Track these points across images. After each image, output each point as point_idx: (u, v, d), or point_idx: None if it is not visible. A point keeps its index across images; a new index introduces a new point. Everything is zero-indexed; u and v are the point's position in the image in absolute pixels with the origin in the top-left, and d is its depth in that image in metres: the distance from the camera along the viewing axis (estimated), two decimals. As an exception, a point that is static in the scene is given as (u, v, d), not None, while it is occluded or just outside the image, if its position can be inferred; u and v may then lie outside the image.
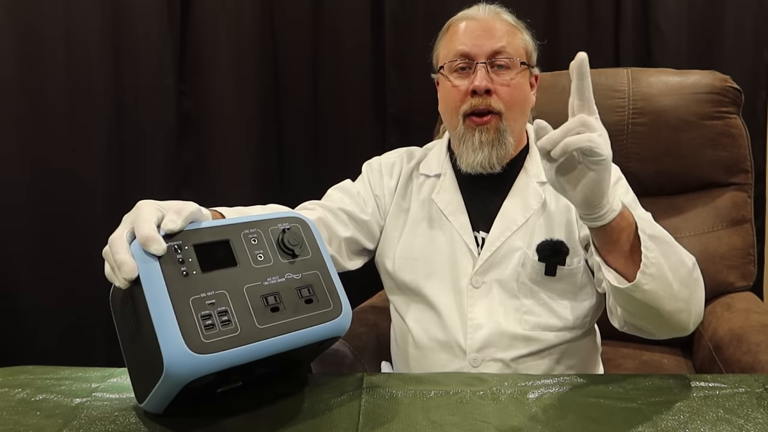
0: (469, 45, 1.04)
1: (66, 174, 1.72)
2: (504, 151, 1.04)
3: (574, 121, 0.74)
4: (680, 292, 0.82)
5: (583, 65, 0.74)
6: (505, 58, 1.04)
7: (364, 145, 1.80)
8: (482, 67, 1.03)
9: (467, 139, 1.05)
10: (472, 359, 1.02)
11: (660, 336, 0.90)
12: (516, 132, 1.07)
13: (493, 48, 1.03)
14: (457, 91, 1.05)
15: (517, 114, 1.06)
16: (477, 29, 1.05)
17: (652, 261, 0.79)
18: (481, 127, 1.04)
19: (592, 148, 0.72)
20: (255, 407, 0.70)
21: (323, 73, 1.83)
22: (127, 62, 1.73)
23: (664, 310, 0.83)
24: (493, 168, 1.05)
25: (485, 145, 1.03)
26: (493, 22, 1.06)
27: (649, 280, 0.79)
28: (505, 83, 1.04)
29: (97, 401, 0.72)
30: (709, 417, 0.68)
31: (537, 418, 0.67)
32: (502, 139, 1.04)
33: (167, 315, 0.59)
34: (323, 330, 0.68)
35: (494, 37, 1.04)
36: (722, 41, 1.68)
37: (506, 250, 1.04)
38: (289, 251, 0.70)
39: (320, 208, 1.08)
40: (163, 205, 0.66)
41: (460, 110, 1.05)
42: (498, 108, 1.03)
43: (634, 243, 0.80)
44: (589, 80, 0.75)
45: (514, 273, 1.03)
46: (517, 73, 1.05)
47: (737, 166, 1.41)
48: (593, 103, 0.75)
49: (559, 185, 0.79)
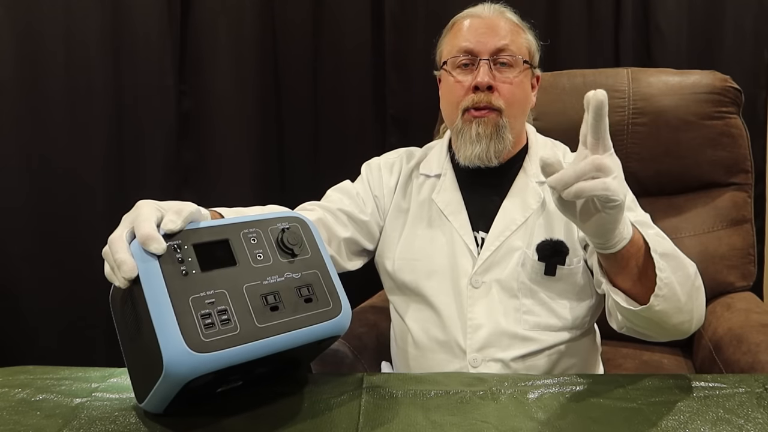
0: (473, 42, 1.04)
1: (66, 174, 1.72)
2: (502, 145, 1.05)
3: (588, 165, 0.69)
4: (686, 305, 0.83)
5: (600, 107, 0.68)
6: (508, 56, 1.04)
7: (364, 146, 1.80)
8: (485, 64, 1.03)
9: (465, 132, 1.05)
10: (472, 359, 1.02)
11: (659, 340, 0.91)
12: (515, 130, 1.07)
13: (496, 45, 1.04)
14: (460, 87, 1.05)
15: (517, 112, 1.06)
16: (481, 26, 1.06)
17: (665, 282, 0.78)
18: (479, 120, 1.04)
19: (608, 196, 0.70)
20: (255, 407, 0.70)
21: (323, 73, 1.83)
22: (127, 62, 1.73)
23: (670, 324, 0.84)
24: (490, 161, 1.05)
25: (483, 138, 1.04)
26: (498, 20, 1.06)
27: (661, 301, 0.79)
28: (508, 81, 1.04)
29: (97, 401, 0.72)
30: (709, 417, 0.68)
31: (537, 418, 0.67)
32: (500, 134, 1.04)
33: (167, 314, 0.59)
34: (323, 329, 0.68)
35: (498, 35, 1.04)
36: (722, 41, 1.68)
37: (506, 249, 1.04)
38: (288, 251, 0.70)
39: (320, 208, 1.08)
40: (162, 205, 0.66)
41: (460, 105, 1.05)
42: (498, 105, 1.03)
43: (644, 264, 0.80)
44: (606, 121, 0.69)
45: (514, 273, 1.03)
46: (520, 71, 1.05)
47: (737, 166, 1.41)
48: (609, 139, 0.70)
49: (568, 216, 0.77)
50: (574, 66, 1.57)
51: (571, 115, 1.44)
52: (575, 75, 1.49)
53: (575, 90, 1.46)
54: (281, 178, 1.86)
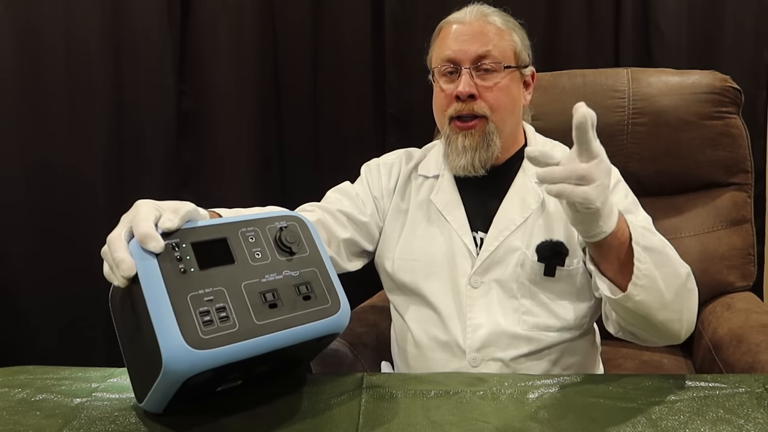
0: (455, 50, 1.05)
1: (66, 173, 1.72)
2: (488, 154, 1.05)
3: (572, 172, 0.74)
4: (673, 303, 0.84)
5: (581, 124, 0.74)
6: (491, 63, 1.04)
7: (364, 145, 1.79)
8: (466, 73, 1.04)
9: (452, 142, 1.07)
10: (472, 359, 1.02)
11: (654, 343, 0.92)
12: (505, 133, 1.07)
13: (477, 53, 1.04)
14: (444, 95, 1.07)
15: (505, 116, 1.07)
16: (464, 33, 1.06)
17: (644, 273, 0.81)
18: (465, 132, 1.05)
19: (584, 204, 0.75)
20: (255, 407, 0.70)
21: (323, 72, 1.83)
22: (127, 61, 1.73)
23: (656, 320, 0.85)
24: (477, 171, 1.06)
25: (468, 150, 1.05)
26: (480, 26, 1.06)
27: (640, 291, 0.81)
28: (490, 87, 1.04)
29: (97, 401, 0.72)
30: (709, 417, 0.67)
31: (537, 418, 0.67)
32: (487, 142, 1.05)
33: (165, 312, 0.59)
34: (321, 326, 0.68)
35: (479, 42, 1.04)
36: (722, 41, 1.68)
37: (505, 250, 1.04)
38: (286, 249, 0.70)
39: (319, 210, 1.08)
40: (160, 205, 0.67)
41: (446, 113, 1.06)
42: (482, 112, 1.04)
43: (628, 254, 0.82)
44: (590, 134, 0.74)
45: (513, 273, 1.03)
46: (504, 76, 1.05)
47: (737, 166, 1.41)
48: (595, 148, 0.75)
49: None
50: (574, 66, 1.57)
51: (571, 115, 1.43)
52: (575, 75, 1.49)
53: (575, 90, 1.46)
54: (281, 177, 1.86)
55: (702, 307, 1.35)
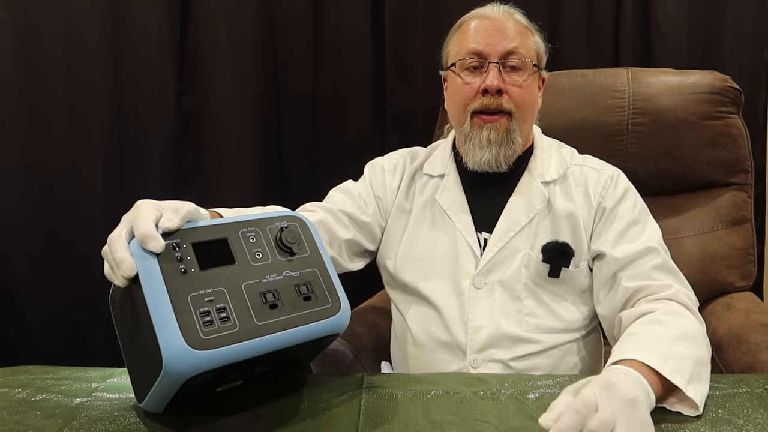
0: (482, 43, 1.04)
1: (66, 174, 1.72)
2: (512, 150, 1.04)
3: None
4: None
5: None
6: (518, 59, 1.03)
7: (364, 145, 1.79)
8: (494, 67, 1.02)
9: (474, 137, 1.04)
10: (473, 360, 1.01)
11: None
12: (524, 133, 1.07)
13: (506, 48, 1.03)
14: (469, 89, 1.04)
15: (526, 114, 1.06)
16: (490, 28, 1.05)
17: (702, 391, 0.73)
18: (489, 125, 1.03)
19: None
20: (255, 407, 0.70)
21: (323, 72, 1.83)
22: (126, 61, 1.73)
23: None
24: (500, 167, 1.05)
25: (494, 144, 1.03)
26: (507, 22, 1.05)
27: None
28: (517, 84, 1.03)
29: (97, 401, 0.72)
30: (709, 417, 0.68)
31: (537, 418, 0.67)
32: (511, 138, 1.03)
33: (166, 312, 0.59)
34: (322, 326, 0.68)
35: (507, 37, 1.03)
36: (722, 41, 1.68)
37: (509, 251, 1.03)
38: (287, 249, 0.70)
39: (321, 210, 1.08)
40: (161, 205, 0.67)
41: (468, 108, 1.04)
42: (509, 108, 1.03)
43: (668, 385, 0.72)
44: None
45: (517, 274, 1.02)
46: (529, 75, 1.04)
47: (737, 166, 1.41)
48: None
49: None
50: (574, 66, 1.57)
51: (571, 115, 1.44)
52: (575, 75, 1.49)
53: (575, 90, 1.46)
54: (281, 177, 1.86)
55: (702, 307, 1.35)
